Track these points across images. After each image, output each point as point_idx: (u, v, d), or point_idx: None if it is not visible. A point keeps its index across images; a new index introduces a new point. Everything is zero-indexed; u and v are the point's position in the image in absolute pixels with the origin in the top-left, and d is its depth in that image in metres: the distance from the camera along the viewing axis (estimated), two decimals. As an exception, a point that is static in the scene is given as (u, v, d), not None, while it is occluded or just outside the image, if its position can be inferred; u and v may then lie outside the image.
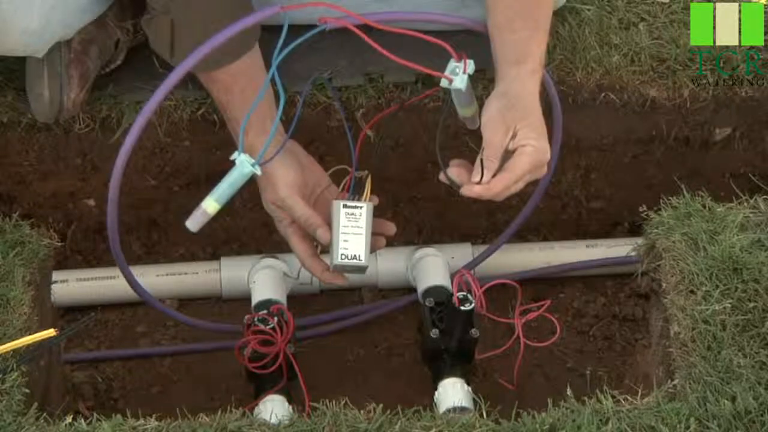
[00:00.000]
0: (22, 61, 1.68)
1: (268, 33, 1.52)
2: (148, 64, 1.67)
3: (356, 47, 1.49)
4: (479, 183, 1.44)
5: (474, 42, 1.56)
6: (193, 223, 1.49)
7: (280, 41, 1.44)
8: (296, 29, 1.45)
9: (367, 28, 1.47)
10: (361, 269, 1.54)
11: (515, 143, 1.46)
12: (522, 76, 1.49)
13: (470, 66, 1.48)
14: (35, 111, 1.69)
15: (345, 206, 1.53)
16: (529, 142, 1.45)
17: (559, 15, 1.81)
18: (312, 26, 1.47)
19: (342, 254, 1.53)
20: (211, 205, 1.47)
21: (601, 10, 1.84)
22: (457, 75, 1.48)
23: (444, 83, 1.50)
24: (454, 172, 1.48)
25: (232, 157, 1.48)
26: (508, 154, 1.46)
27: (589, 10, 1.83)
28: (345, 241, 1.52)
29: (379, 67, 1.72)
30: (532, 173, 1.48)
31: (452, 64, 1.49)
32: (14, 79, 1.74)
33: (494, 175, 1.45)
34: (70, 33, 1.65)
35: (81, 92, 1.68)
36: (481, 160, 1.45)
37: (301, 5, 1.47)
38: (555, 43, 1.79)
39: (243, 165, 1.47)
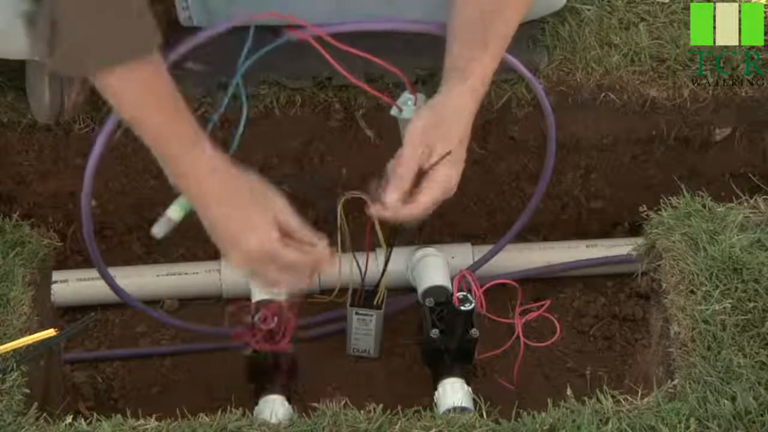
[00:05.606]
0: (22, 61, 1.68)
1: (237, 36, 1.49)
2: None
3: (356, 47, 1.49)
4: (386, 207, 1.40)
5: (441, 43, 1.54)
6: (159, 230, 1.45)
7: (245, 50, 1.43)
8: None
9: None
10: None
11: (429, 164, 1.42)
12: (463, 91, 1.45)
13: (421, 99, 1.48)
14: (35, 112, 1.69)
15: (357, 313, 1.69)
16: (442, 169, 1.41)
17: (559, 15, 1.80)
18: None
19: (354, 348, 1.76)
20: (176, 211, 1.44)
21: (601, 10, 1.84)
22: (408, 106, 1.48)
23: (394, 111, 1.49)
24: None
25: None
26: (420, 173, 1.42)
27: (589, 10, 1.83)
28: (356, 339, 1.74)
29: (379, 67, 1.71)
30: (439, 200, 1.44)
31: (405, 95, 1.49)
32: (15, 80, 1.73)
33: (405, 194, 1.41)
34: (70, 35, 1.64)
35: (81, 93, 1.68)
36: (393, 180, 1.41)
37: (265, 14, 1.46)
38: (555, 44, 1.79)
39: None
